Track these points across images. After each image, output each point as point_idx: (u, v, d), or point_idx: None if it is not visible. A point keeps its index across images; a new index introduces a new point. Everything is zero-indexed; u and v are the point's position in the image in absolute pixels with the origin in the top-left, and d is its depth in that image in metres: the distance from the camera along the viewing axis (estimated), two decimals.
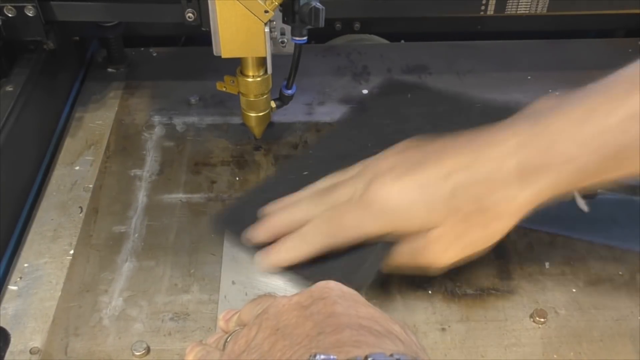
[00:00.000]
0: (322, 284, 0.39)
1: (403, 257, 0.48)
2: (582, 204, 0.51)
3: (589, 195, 0.59)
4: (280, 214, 0.52)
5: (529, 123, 0.46)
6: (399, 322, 0.37)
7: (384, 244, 0.48)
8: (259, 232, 0.51)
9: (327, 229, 0.49)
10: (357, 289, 0.42)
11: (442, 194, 0.46)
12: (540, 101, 0.48)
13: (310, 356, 0.31)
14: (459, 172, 0.46)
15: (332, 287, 0.38)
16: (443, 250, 0.47)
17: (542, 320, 0.50)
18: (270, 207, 0.53)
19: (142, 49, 0.80)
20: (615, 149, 0.43)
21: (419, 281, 0.53)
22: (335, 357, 0.31)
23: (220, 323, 0.46)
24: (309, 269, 0.49)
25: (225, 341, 0.41)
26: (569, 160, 0.44)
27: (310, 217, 0.50)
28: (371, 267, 0.48)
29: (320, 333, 0.34)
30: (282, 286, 0.51)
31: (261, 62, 0.59)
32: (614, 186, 0.59)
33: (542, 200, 0.46)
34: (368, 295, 0.51)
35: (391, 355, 0.31)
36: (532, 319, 0.51)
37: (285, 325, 0.36)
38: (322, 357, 0.31)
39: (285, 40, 0.58)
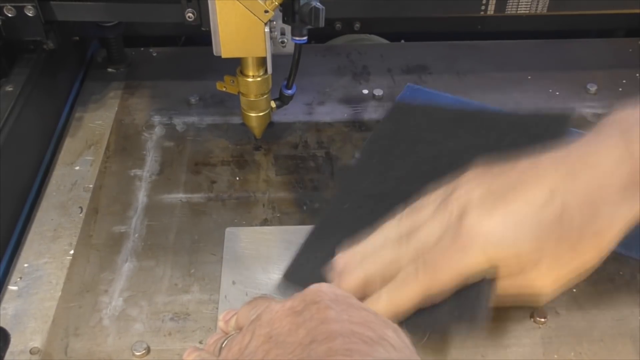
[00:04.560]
0: (314, 287, 0.38)
1: (507, 289, 0.44)
2: None
3: None
4: (364, 264, 0.46)
5: (620, 134, 0.43)
6: (393, 326, 0.37)
7: (487, 279, 0.44)
8: (347, 285, 0.46)
9: (424, 277, 0.44)
10: (471, 330, 0.41)
11: (544, 223, 0.42)
12: (618, 112, 0.45)
13: None
14: (559, 198, 0.42)
15: (324, 291, 0.38)
16: (547, 280, 0.44)
17: (542, 320, 0.50)
18: (344, 259, 0.47)
19: (142, 49, 0.80)
20: None
21: None
22: None
23: (220, 324, 0.46)
24: (412, 318, 0.45)
25: (221, 345, 0.41)
26: None
27: (398, 264, 0.45)
28: (479, 305, 0.44)
29: (312, 341, 0.34)
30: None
31: (261, 62, 0.59)
32: None
33: None
34: None
35: None
36: (532, 319, 0.51)
37: (279, 332, 0.36)
38: None
39: (285, 40, 0.58)
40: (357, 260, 0.47)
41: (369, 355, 0.33)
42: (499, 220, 0.43)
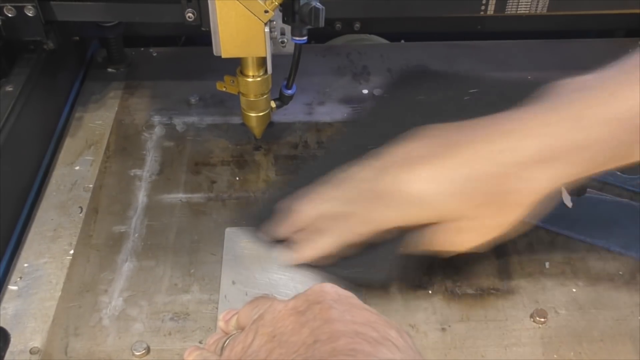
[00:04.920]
0: (317, 287, 0.38)
1: (423, 244, 0.48)
2: (567, 200, 0.51)
3: (576, 193, 0.59)
4: (304, 209, 0.51)
5: (548, 106, 0.45)
6: (396, 326, 0.37)
7: (403, 236, 0.48)
8: (283, 227, 0.51)
9: (351, 225, 0.49)
10: (384, 282, 0.42)
11: (465, 184, 0.46)
12: (557, 84, 0.47)
13: None
14: (480, 160, 0.45)
15: (327, 291, 0.38)
16: (463, 237, 0.47)
17: (542, 320, 0.50)
18: (291, 202, 0.52)
19: (142, 49, 0.80)
20: (636, 133, 0.42)
21: (419, 281, 0.53)
22: None
23: (220, 323, 0.46)
24: (334, 266, 0.50)
25: (223, 345, 0.41)
26: (590, 144, 0.43)
27: (334, 211, 0.50)
28: (393, 258, 0.49)
29: (316, 341, 0.34)
30: (285, 284, 0.51)
31: (261, 62, 0.59)
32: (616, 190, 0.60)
33: (559, 184, 0.45)
34: (368, 295, 0.51)
35: None
36: (532, 319, 0.51)
37: (282, 332, 0.36)
38: None
39: (285, 40, 0.58)
40: (301, 203, 0.51)
41: (373, 355, 0.33)
42: (421, 179, 0.46)
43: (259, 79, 0.60)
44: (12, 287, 0.53)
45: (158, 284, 0.53)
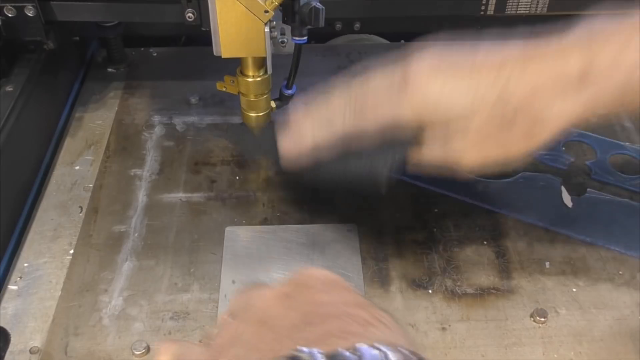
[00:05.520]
0: (304, 271, 0.38)
1: (430, 153, 0.46)
2: (567, 200, 0.52)
3: (576, 193, 0.59)
4: (312, 111, 0.48)
5: (589, 33, 0.43)
6: (385, 311, 0.36)
7: (407, 141, 0.45)
8: (292, 136, 0.49)
9: (359, 108, 0.46)
10: (382, 185, 0.41)
11: (490, 95, 0.43)
12: (587, 21, 0.45)
13: (295, 350, 0.31)
14: (514, 79, 0.42)
15: (316, 275, 0.38)
16: (475, 146, 0.44)
17: (542, 320, 0.50)
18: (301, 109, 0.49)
19: (142, 49, 0.80)
20: None
21: (419, 281, 0.53)
22: (319, 350, 0.31)
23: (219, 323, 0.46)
24: (331, 166, 0.47)
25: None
26: (631, 72, 0.41)
27: (342, 104, 0.47)
28: (396, 163, 0.46)
29: (306, 324, 0.34)
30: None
31: (261, 62, 0.59)
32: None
33: (588, 114, 0.43)
34: (368, 295, 0.51)
35: (373, 345, 0.31)
36: (532, 319, 0.51)
37: (272, 316, 0.36)
38: (306, 350, 0.31)
39: (285, 40, 0.57)
40: (310, 108, 0.48)
41: (364, 336, 0.33)
42: (439, 83, 0.43)
43: (259, 79, 0.60)
44: (12, 287, 0.53)
45: (158, 283, 0.53)
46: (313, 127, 0.48)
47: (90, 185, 0.62)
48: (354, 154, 0.46)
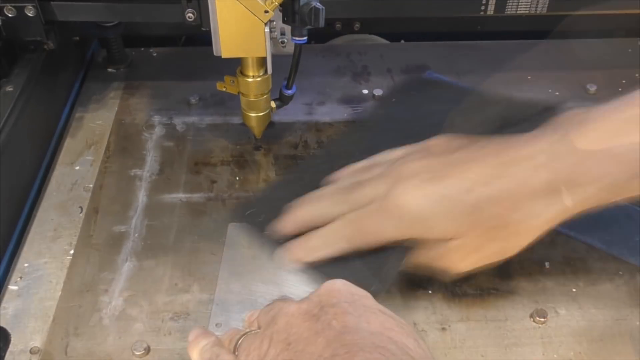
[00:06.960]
0: (328, 285, 0.38)
1: (421, 260, 0.48)
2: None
3: None
4: (305, 208, 0.52)
5: (556, 138, 0.45)
6: (412, 334, 0.37)
7: (404, 247, 0.48)
8: (286, 224, 0.52)
9: (349, 234, 0.49)
10: (377, 291, 0.42)
11: (464, 207, 0.45)
12: (565, 114, 0.47)
13: None
14: (484, 187, 0.45)
15: (340, 290, 0.38)
16: (460, 260, 0.47)
17: (542, 320, 0.50)
18: (296, 202, 0.53)
19: (142, 49, 0.80)
20: (637, 168, 0.42)
21: (419, 281, 0.53)
22: None
23: (245, 324, 0.45)
24: (330, 267, 0.49)
25: (237, 343, 0.40)
26: (598, 178, 0.43)
27: (334, 214, 0.50)
28: (391, 269, 0.49)
29: (333, 355, 0.34)
30: (287, 281, 0.51)
31: (261, 62, 0.59)
32: None
33: (565, 217, 0.45)
34: None
35: None
36: (532, 319, 0.51)
37: (296, 339, 0.36)
38: None
39: (285, 40, 0.58)
40: (303, 203, 0.52)
41: None
42: (420, 197, 0.46)
43: (259, 79, 0.60)
44: (12, 287, 0.53)
45: (158, 283, 0.53)
46: (307, 252, 0.50)
47: (91, 186, 0.62)
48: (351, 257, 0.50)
